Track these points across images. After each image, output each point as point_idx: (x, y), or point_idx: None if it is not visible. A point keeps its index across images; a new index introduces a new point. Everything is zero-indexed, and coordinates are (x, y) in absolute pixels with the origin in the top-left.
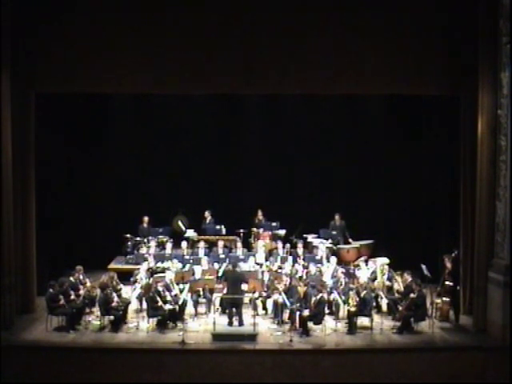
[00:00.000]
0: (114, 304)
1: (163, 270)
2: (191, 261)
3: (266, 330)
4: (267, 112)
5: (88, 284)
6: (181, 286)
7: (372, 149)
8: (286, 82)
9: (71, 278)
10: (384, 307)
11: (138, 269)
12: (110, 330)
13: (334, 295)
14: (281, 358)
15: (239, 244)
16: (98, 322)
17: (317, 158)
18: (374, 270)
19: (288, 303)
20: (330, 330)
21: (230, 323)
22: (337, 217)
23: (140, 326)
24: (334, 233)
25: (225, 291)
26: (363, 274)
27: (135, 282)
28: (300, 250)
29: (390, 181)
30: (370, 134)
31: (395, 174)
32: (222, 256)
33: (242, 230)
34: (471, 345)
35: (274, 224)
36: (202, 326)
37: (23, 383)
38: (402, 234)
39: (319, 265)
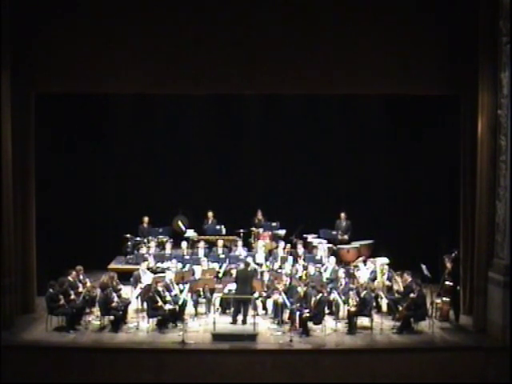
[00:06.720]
0: (113, 304)
1: (163, 270)
2: (191, 261)
3: (265, 329)
4: (267, 112)
5: (88, 284)
6: (181, 286)
7: (372, 149)
8: (286, 81)
9: (69, 278)
10: (384, 307)
11: (138, 269)
12: (110, 330)
13: (334, 295)
14: (281, 358)
15: (239, 244)
16: (98, 322)
17: (317, 158)
18: (373, 269)
19: (288, 303)
20: (330, 330)
21: (234, 321)
22: (342, 215)
23: (140, 326)
24: (334, 233)
25: (225, 290)
26: (362, 274)
27: (137, 281)
28: (300, 250)
29: (390, 181)
30: (370, 134)
31: (395, 173)
32: (222, 256)
33: (241, 230)
34: (471, 345)
35: (273, 224)
36: (201, 326)
37: (23, 383)
38: (402, 233)
39: (318, 265)
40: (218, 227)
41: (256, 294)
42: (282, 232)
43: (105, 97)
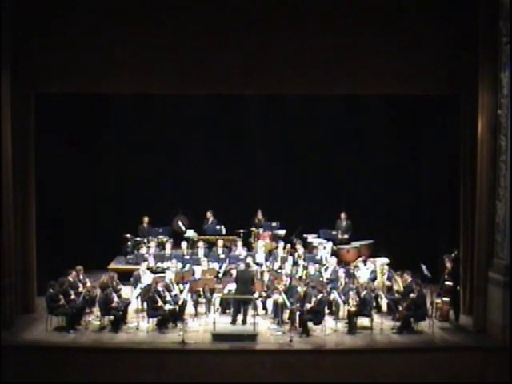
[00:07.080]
0: (114, 304)
1: (163, 270)
2: (191, 261)
3: (265, 329)
4: (267, 112)
5: (88, 284)
6: (181, 285)
7: (372, 149)
8: (286, 81)
9: (69, 278)
10: (384, 307)
11: (138, 269)
12: (110, 330)
13: (334, 295)
14: (281, 358)
15: (239, 244)
16: (98, 322)
17: (316, 158)
18: (373, 269)
19: (288, 303)
20: (330, 330)
21: (234, 321)
22: (342, 215)
23: (140, 326)
24: (334, 233)
25: (225, 290)
26: (362, 274)
27: (137, 281)
28: (300, 250)
29: (390, 181)
30: (370, 134)
31: (395, 173)
32: (222, 256)
33: (242, 230)
34: (471, 345)
35: (273, 224)
36: (201, 326)
37: (23, 383)
38: (402, 233)
39: (317, 265)
40: (218, 227)
41: (256, 294)
42: (282, 232)
43: (105, 97)
